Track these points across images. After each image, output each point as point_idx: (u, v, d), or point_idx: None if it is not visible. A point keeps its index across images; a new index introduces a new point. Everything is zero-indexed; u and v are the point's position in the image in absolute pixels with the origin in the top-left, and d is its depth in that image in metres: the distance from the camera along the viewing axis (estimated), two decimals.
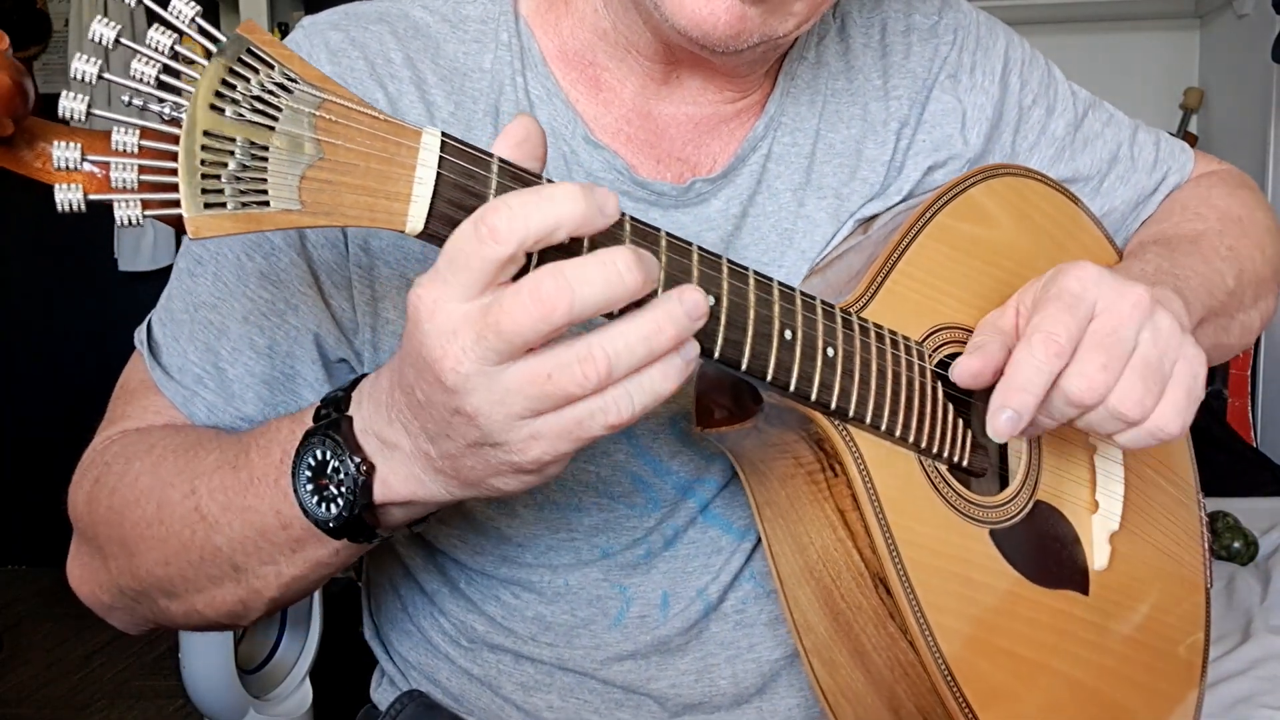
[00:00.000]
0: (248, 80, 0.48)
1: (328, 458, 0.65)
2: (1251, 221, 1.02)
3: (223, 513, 0.72)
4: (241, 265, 0.80)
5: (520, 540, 0.85)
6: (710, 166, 0.86)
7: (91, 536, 0.81)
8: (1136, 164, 1.03)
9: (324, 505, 0.65)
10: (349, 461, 0.64)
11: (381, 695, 0.96)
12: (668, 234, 0.62)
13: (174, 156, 0.45)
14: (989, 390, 0.85)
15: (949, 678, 0.73)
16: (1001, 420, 0.70)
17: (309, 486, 0.66)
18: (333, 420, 0.65)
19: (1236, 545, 1.85)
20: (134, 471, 0.77)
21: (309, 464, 0.66)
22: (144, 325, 0.85)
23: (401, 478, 0.64)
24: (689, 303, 0.56)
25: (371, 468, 0.64)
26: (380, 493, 0.64)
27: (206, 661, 1.80)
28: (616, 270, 0.53)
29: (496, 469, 0.59)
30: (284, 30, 3.21)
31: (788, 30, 0.76)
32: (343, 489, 0.64)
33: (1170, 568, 0.91)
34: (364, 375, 0.68)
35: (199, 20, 0.48)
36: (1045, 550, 0.82)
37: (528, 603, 0.87)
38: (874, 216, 0.89)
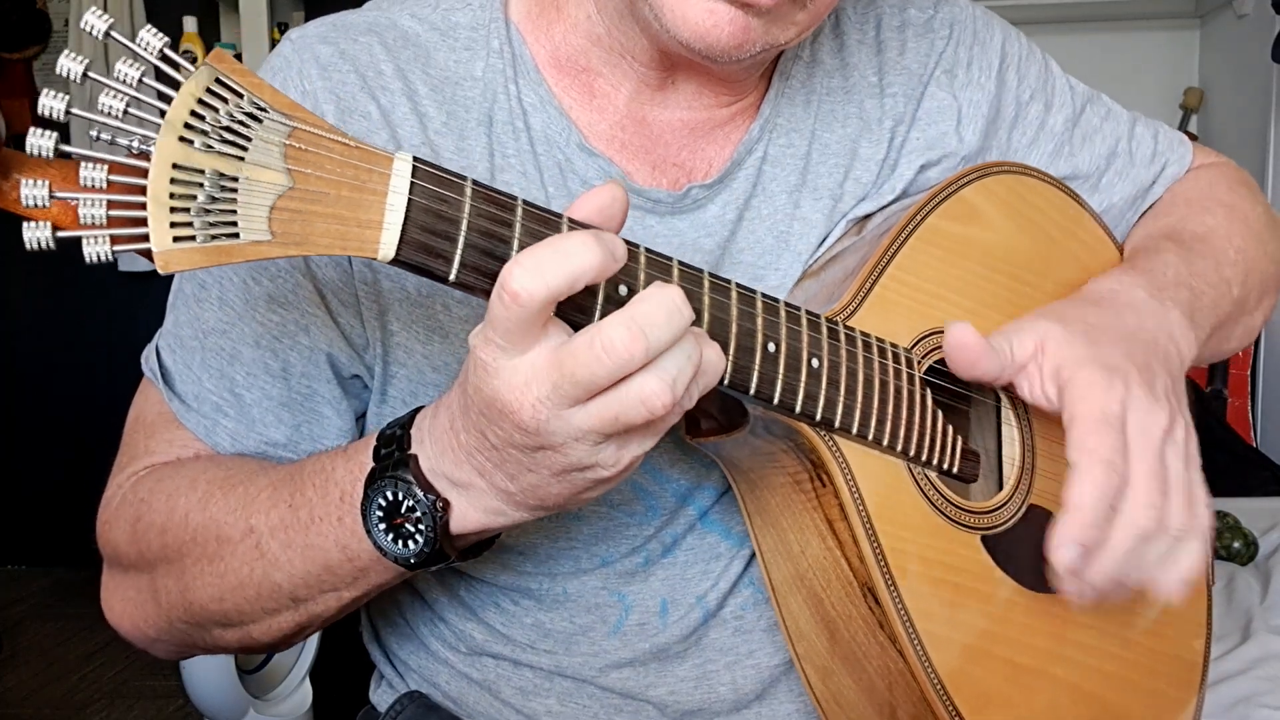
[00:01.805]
0: (216, 110, 0.47)
1: (400, 498, 0.66)
2: (1254, 217, 1.01)
3: (283, 550, 0.73)
4: (248, 289, 0.79)
5: (520, 549, 0.85)
6: (706, 171, 0.85)
7: (140, 574, 0.81)
8: (1135, 158, 1.02)
9: (400, 542, 0.66)
10: (424, 500, 0.65)
11: (380, 697, 0.96)
12: (646, 250, 0.62)
13: (142, 191, 0.45)
14: (984, 396, 0.85)
15: (939, 687, 0.73)
16: (1066, 556, 0.70)
17: (382, 526, 0.67)
18: (399, 460, 0.66)
19: (1236, 545, 1.84)
20: (180, 510, 0.77)
21: (379, 505, 0.66)
22: (150, 352, 0.84)
23: (479, 511, 0.65)
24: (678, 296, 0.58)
25: (447, 504, 0.65)
26: (457, 526, 0.66)
27: (206, 662, 1.80)
28: (676, 306, 0.57)
29: (584, 486, 0.62)
30: (284, 30, 3.19)
31: (789, 38, 0.76)
32: (421, 526, 0.65)
33: None
34: (419, 409, 0.69)
35: (167, 51, 0.47)
36: (1038, 554, 0.82)
37: (527, 609, 0.87)
38: (868, 216, 0.88)
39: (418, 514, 0.65)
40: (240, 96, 0.48)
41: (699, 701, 0.86)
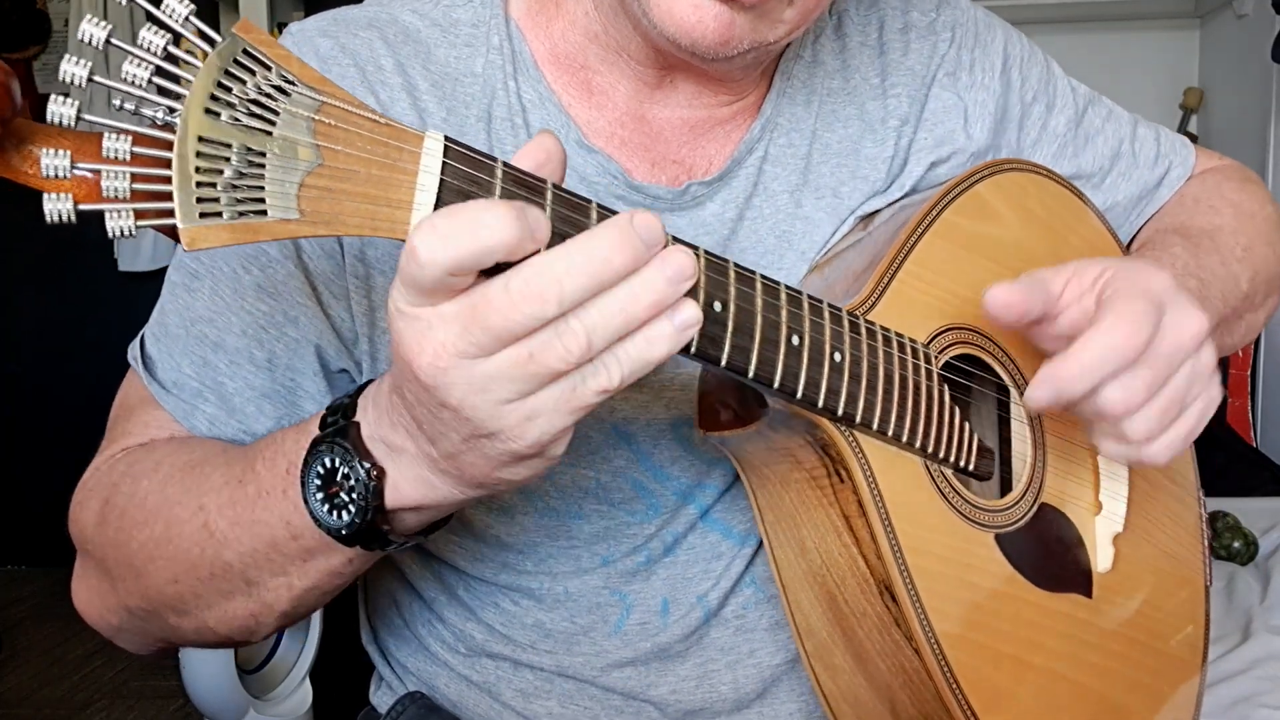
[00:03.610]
0: (244, 83, 0.46)
1: (337, 465, 0.63)
2: (1263, 218, 1.01)
3: (231, 528, 0.71)
4: (238, 278, 0.78)
5: (520, 548, 0.84)
6: (706, 169, 0.85)
7: (100, 558, 0.80)
8: (1138, 159, 1.02)
9: (335, 513, 0.64)
10: (359, 467, 0.63)
11: (380, 699, 0.96)
12: (673, 237, 0.61)
13: (168, 164, 0.44)
14: (992, 395, 0.84)
15: (953, 684, 0.72)
16: (1041, 393, 0.68)
17: (319, 495, 0.65)
18: (340, 427, 0.64)
19: (1236, 545, 1.84)
20: (141, 491, 0.76)
21: (318, 472, 0.64)
22: (136, 341, 0.84)
23: (410, 480, 0.63)
24: (671, 268, 0.54)
25: (382, 472, 0.63)
26: (391, 498, 0.63)
27: (206, 662, 1.79)
28: (603, 255, 0.53)
29: (498, 460, 0.58)
30: (282, 31, 3.19)
31: (778, 37, 0.75)
32: (354, 495, 0.63)
33: (1171, 568, 0.91)
34: (370, 381, 0.67)
35: (193, 19, 0.46)
36: (1049, 553, 0.82)
37: (527, 609, 0.86)
38: (874, 213, 0.88)
39: (351, 481, 0.63)
40: (268, 69, 0.46)
41: (700, 701, 0.86)
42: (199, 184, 0.44)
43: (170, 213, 0.44)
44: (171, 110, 0.45)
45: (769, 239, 0.85)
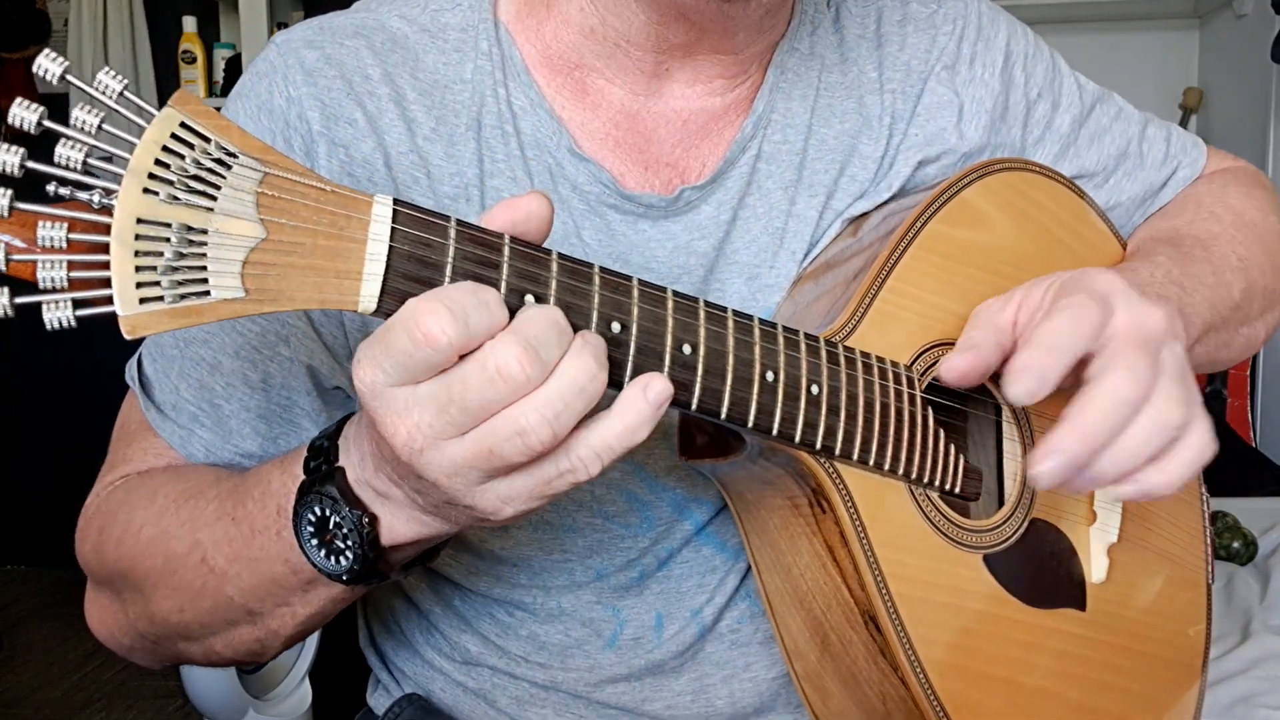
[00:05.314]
0: (182, 158, 0.44)
1: (327, 514, 0.64)
2: (1265, 226, 0.99)
3: (230, 564, 0.71)
4: None
5: (514, 561, 0.84)
6: (700, 172, 0.83)
7: (107, 583, 0.80)
8: (1145, 160, 1.00)
9: (333, 559, 0.65)
10: (349, 515, 0.63)
11: (377, 701, 0.96)
12: (640, 281, 0.59)
13: (106, 248, 0.42)
14: (983, 410, 0.83)
15: (941, 713, 0.72)
16: (1046, 467, 0.65)
17: (314, 542, 0.65)
18: (325, 473, 0.64)
19: (1236, 545, 1.83)
20: (137, 522, 0.76)
21: (309, 521, 0.65)
22: (134, 362, 0.84)
23: (404, 521, 0.63)
24: (595, 342, 0.55)
25: (374, 517, 0.63)
26: (388, 538, 0.64)
27: None
28: (562, 325, 0.54)
29: (479, 520, 0.59)
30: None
31: None
32: (349, 542, 0.63)
33: (1170, 571, 0.90)
34: (348, 417, 0.66)
35: (127, 94, 0.44)
36: (1041, 570, 0.81)
37: (522, 621, 0.86)
38: (865, 215, 0.86)
39: (345, 529, 0.63)
40: (207, 141, 0.45)
41: (696, 716, 0.86)
42: (139, 268, 0.43)
43: (110, 299, 0.42)
44: (108, 192, 0.43)
45: (763, 237, 0.84)
